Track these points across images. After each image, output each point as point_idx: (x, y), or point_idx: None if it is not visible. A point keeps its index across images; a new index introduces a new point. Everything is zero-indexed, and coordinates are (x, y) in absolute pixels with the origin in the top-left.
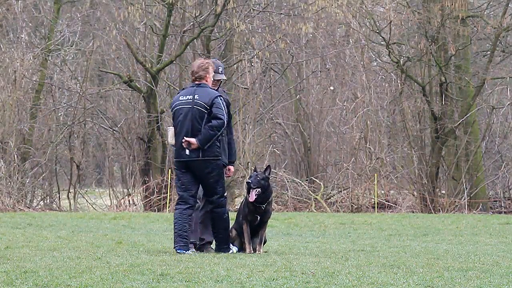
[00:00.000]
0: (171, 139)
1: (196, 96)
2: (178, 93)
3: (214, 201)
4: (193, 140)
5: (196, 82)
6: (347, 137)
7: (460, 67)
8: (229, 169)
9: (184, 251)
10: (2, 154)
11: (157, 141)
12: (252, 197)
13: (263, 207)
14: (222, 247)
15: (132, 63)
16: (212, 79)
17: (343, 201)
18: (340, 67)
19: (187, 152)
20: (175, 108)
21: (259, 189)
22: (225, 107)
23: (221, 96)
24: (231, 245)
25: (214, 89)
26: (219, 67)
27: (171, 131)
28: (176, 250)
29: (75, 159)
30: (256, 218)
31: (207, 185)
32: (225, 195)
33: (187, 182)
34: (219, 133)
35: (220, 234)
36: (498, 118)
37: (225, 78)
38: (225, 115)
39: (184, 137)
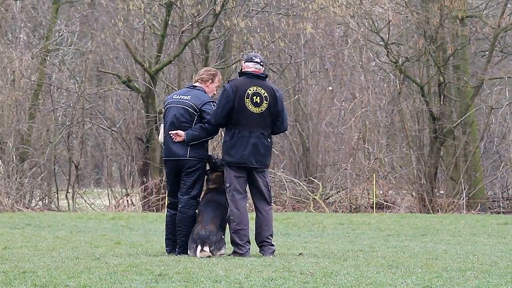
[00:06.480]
0: (161, 137)
1: (188, 97)
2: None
3: (184, 200)
4: (181, 132)
5: (194, 84)
6: (345, 137)
7: (458, 67)
8: None
9: (175, 254)
10: (0, 154)
11: (155, 141)
12: None
13: None
14: (183, 251)
15: (131, 63)
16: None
17: (342, 201)
18: (339, 67)
19: (174, 149)
20: (166, 106)
21: None
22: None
23: (214, 102)
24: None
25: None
26: None
27: (163, 128)
28: (167, 252)
29: (73, 159)
30: None
31: (184, 183)
32: (198, 199)
33: (176, 189)
34: (209, 138)
35: (183, 236)
36: (496, 118)
37: None
38: None
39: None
